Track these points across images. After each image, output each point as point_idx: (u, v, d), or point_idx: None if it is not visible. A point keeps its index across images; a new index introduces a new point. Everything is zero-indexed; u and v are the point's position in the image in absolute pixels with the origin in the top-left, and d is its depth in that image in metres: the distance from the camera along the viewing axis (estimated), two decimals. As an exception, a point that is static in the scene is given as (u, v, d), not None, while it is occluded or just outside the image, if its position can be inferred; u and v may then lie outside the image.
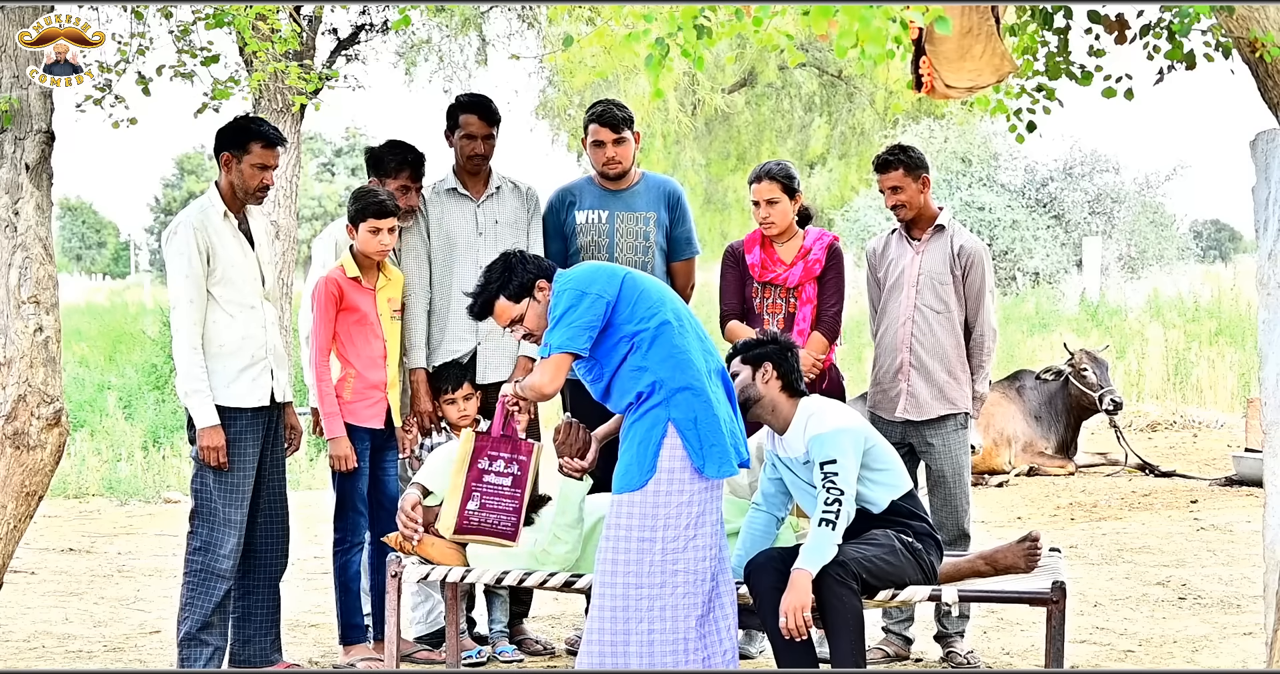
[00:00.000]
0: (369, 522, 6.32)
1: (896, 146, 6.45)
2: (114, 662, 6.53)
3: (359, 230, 6.19)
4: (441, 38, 17.67)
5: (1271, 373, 4.72)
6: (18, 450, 5.53)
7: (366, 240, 6.18)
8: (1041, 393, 12.15)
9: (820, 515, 5.17)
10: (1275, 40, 4.87)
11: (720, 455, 5.04)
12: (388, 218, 6.15)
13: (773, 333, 5.59)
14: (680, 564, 5.03)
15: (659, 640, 5.03)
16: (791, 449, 5.39)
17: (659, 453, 5.02)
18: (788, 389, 5.42)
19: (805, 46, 25.35)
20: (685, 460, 5.02)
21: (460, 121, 6.57)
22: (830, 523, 5.15)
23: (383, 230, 6.16)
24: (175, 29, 8.10)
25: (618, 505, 5.07)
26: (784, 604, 5.09)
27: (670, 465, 5.02)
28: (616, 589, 5.04)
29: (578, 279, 5.15)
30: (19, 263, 5.56)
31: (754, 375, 5.40)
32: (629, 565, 5.03)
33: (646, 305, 5.12)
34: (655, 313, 5.11)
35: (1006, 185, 25.19)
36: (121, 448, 12.93)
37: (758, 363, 5.42)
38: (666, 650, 5.03)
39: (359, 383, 6.25)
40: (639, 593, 5.02)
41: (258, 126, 5.96)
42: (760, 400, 5.40)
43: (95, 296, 31.04)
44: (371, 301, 6.27)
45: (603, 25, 11.51)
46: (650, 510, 5.02)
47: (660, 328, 5.08)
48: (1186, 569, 8.29)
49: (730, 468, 5.08)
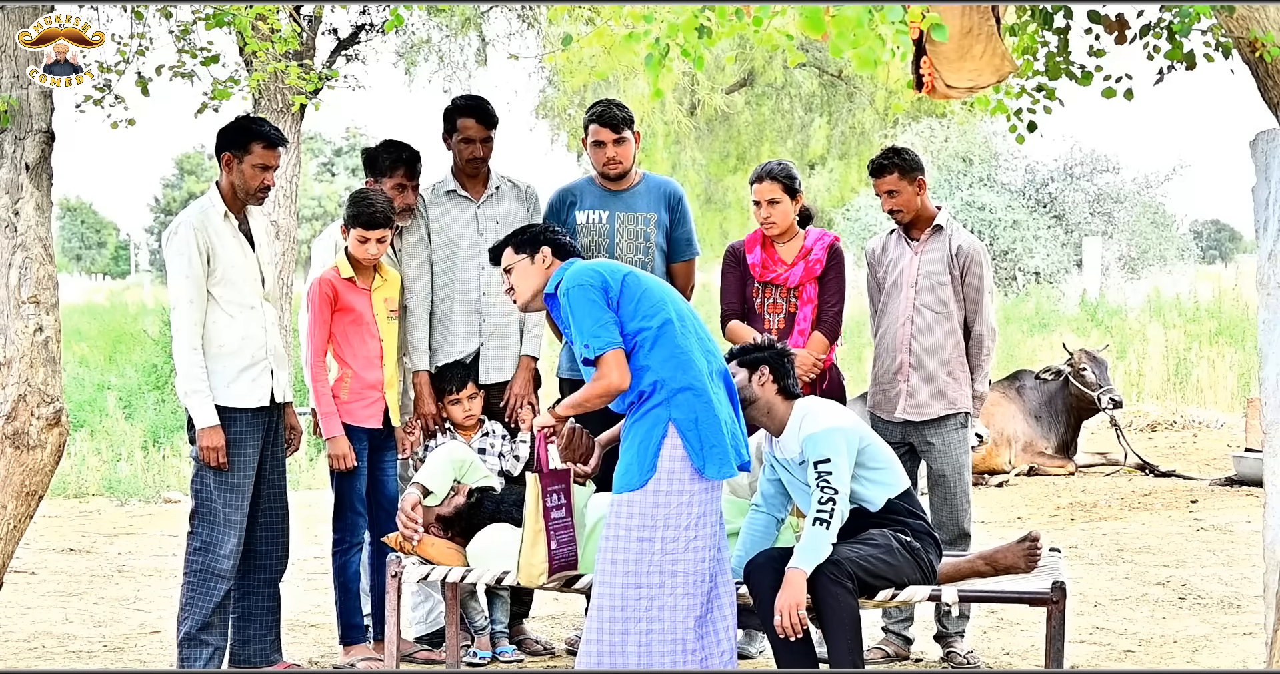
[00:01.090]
0: (368, 522, 6.33)
1: (891, 150, 6.44)
2: (114, 662, 6.53)
3: (349, 235, 6.21)
4: (441, 38, 17.68)
5: (1271, 373, 4.72)
6: (18, 450, 5.53)
7: (355, 247, 6.21)
8: (1041, 393, 12.15)
9: (814, 514, 5.18)
10: (1275, 40, 4.88)
11: (720, 456, 5.04)
12: (376, 229, 6.16)
13: (769, 339, 5.62)
14: (680, 564, 5.03)
15: (656, 640, 5.03)
16: (787, 450, 5.41)
17: (659, 453, 5.02)
18: (783, 392, 5.45)
19: (805, 46, 25.33)
20: (685, 461, 5.02)
21: (458, 125, 6.57)
22: (824, 522, 5.16)
23: (370, 241, 6.17)
24: (175, 29, 8.11)
25: (617, 505, 5.07)
26: (779, 602, 5.10)
27: (670, 466, 5.02)
28: (615, 589, 5.04)
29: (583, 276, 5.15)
30: (19, 263, 5.55)
31: (750, 378, 5.43)
32: (628, 565, 5.03)
33: (649, 304, 5.11)
34: (658, 312, 5.10)
35: (1007, 185, 25.20)
36: (121, 448, 12.93)
37: (754, 366, 5.45)
38: (664, 650, 5.03)
39: (356, 383, 6.25)
40: (638, 593, 5.02)
41: (259, 127, 5.96)
42: (756, 402, 5.42)
43: (95, 296, 31.04)
44: (367, 301, 6.27)
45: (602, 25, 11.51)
46: (650, 510, 5.02)
47: (662, 327, 5.08)
48: (1186, 569, 8.29)
49: (730, 469, 5.07)
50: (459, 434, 6.45)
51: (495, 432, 6.49)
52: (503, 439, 6.50)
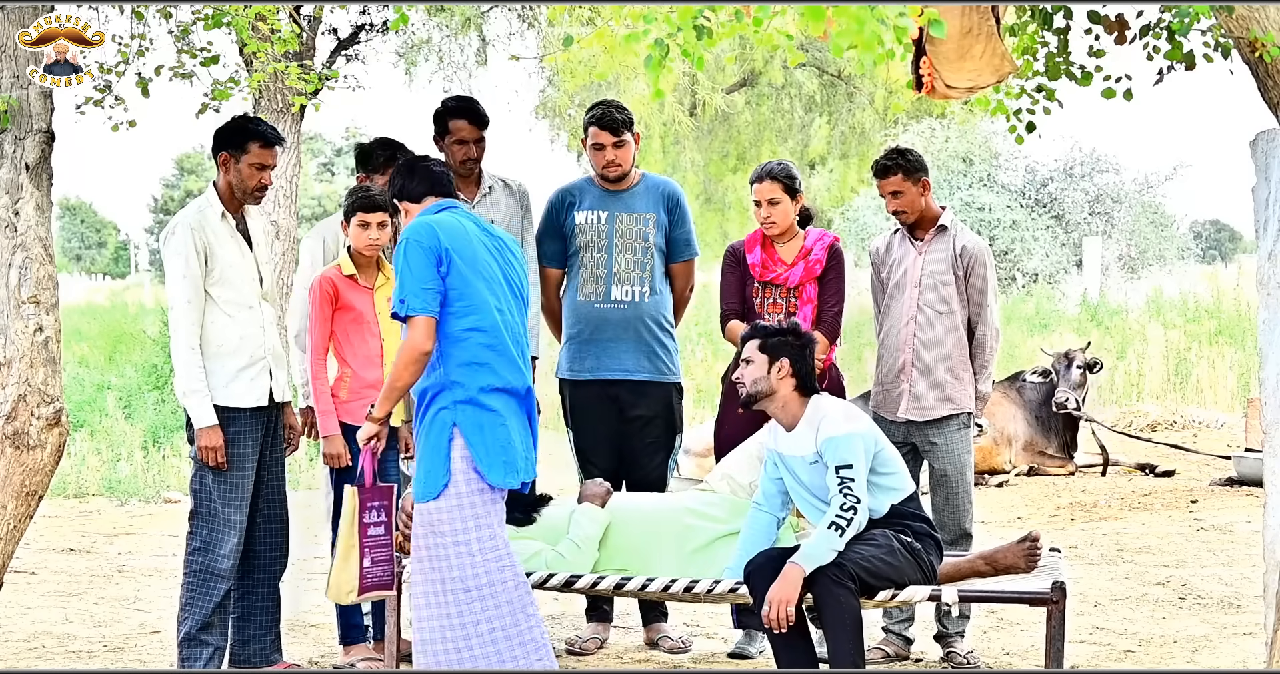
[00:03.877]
0: None
1: (894, 151, 6.43)
2: (114, 662, 6.52)
3: (350, 226, 6.21)
4: (441, 38, 17.68)
5: (1271, 373, 4.72)
6: (18, 450, 5.53)
7: (357, 235, 6.20)
8: (1041, 393, 12.16)
9: (832, 518, 5.16)
10: (1275, 40, 4.87)
11: (506, 465, 5.04)
12: (375, 211, 6.16)
13: (794, 324, 5.55)
14: (503, 561, 5.05)
15: (502, 637, 5.02)
16: (798, 448, 5.37)
17: (450, 457, 5.01)
18: (801, 388, 5.40)
19: (805, 46, 25.33)
20: (471, 462, 5.01)
21: (450, 127, 6.56)
22: (840, 528, 5.15)
23: (371, 224, 6.16)
24: (175, 29, 8.10)
25: (423, 514, 5.04)
26: (770, 594, 5.10)
27: (462, 467, 5.01)
28: (447, 597, 5.03)
29: (422, 233, 5.06)
30: (19, 263, 5.55)
31: (769, 368, 5.38)
32: (452, 570, 5.02)
33: (468, 301, 5.05)
34: (472, 313, 5.05)
35: (1007, 185, 25.19)
36: (121, 448, 12.92)
37: (775, 356, 5.39)
38: (515, 646, 5.02)
39: (355, 382, 6.25)
40: (468, 596, 5.02)
41: (256, 126, 5.96)
42: (771, 396, 5.39)
43: (95, 296, 31.02)
44: (369, 300, 6.26)
45: (602, 26, 11.51)
46: (456, 514, 5.01)
47: (472, 330, 5.04)
48: (1186, 569, 8.29)
49: (513, 480, 5.07)
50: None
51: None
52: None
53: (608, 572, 5.66)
